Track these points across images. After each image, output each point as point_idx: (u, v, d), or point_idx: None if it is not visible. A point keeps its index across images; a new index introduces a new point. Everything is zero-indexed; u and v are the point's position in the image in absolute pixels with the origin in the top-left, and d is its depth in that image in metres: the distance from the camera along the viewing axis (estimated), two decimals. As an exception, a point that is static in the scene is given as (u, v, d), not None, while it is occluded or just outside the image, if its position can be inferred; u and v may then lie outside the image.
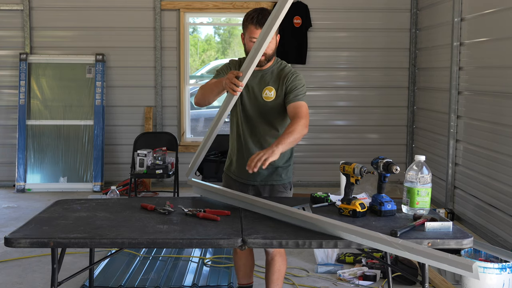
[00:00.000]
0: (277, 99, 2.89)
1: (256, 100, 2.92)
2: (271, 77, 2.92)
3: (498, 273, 3.24)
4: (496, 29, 4.68)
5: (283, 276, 3.09)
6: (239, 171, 3.01)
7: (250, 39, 2.82)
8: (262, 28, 2.73)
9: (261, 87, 2.91)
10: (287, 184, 3.03)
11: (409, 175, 2.54)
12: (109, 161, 6.68)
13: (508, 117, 4.40)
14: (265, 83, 2.91)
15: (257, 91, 2.92)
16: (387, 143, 6.82)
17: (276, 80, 2.90)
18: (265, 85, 2.91)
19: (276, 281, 3.03)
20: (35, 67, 6.58)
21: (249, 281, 3.29)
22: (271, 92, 2.90)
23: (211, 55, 11.74)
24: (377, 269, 3.86)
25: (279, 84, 2.89)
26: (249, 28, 2.83)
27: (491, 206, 4.68)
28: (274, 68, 2.94)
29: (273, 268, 3.02)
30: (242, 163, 2.89)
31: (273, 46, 2.85)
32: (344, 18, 6.71)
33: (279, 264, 3.03)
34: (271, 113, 2.92)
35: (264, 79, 2.92)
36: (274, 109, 2.91)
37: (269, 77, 2.92)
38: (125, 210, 2.68)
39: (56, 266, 2.35)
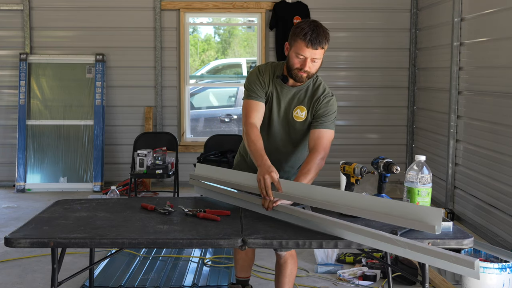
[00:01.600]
0: (307, 120, 2.77)
1: (285, 117, 2.80)
2: (305, 95, 2.78)
3: (498, 273, 3.24)
4: (496, 29, 4.68)
5: (294, 279, 3.06)
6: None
7: (297, 55, 2.64)
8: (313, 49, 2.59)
9: (293, 104, 2.78)
10: None
11: (409, 175, 2.54)
12: (109, 161, 6.68)
13: (508, 117, 4.40)
14: (298, 101, 2.77)
15: (288, 108, 2.78)
16: (387, 143, 6.83)
17: (309, 100, 2.76)
18: (298, 103, 2.77)
19: (288, 284, 2.99)
20: (35, 67, 6.58)
21: (246, 275, 3.28)
22: (302, 113, 2.77)
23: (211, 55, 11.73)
24: (377, 269, 3.86)
25: (311, 104, 2.76)
26: (298, 43, 2.62)
27: (491, 206, 4.69)
28: (310, 85, 2.79)
29: (285, 271, 2.98)
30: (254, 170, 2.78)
31: (318, 65, 2.68)
32: (344, 18, 6.71)
33: (291, 267, 2.99)
34: (298, 133, 2.81)
35: (297, 96, 2.78)
36: (302, 130, 2.80)
37: (302, 95, 2.78)
38: (125, 210, 2.68)
39: (56, 266, 2.35)
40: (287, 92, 2.78)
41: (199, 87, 9.15)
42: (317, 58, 2.64)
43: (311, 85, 2.79)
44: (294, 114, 2.78)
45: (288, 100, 2.79)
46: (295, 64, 2.66)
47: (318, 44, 2.60)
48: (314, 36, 2.59)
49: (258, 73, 2.81)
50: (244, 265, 3.24)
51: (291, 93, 2.78)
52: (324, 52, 2.67)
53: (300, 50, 2.62)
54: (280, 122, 2.82)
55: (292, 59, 2.67)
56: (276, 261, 3.04)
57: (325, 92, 2.79)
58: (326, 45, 2.64)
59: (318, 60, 2.65)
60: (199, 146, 6.54)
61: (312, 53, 2.62)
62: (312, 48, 2.60)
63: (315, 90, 2.79)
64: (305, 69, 2.65)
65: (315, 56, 2.63)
